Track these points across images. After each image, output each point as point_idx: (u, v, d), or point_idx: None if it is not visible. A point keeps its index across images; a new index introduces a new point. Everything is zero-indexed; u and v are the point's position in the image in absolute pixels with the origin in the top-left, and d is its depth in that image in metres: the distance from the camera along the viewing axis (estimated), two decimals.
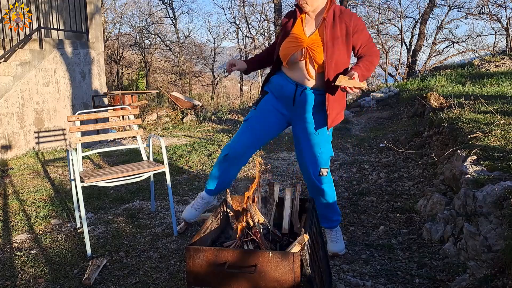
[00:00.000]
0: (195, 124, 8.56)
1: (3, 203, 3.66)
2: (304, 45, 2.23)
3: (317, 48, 2.22)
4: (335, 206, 2.60)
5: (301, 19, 2.32)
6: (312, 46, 2.22)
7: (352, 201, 3.57)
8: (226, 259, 1.52)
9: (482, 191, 2.53)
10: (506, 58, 10.47)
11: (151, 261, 2.55)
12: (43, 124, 5.95)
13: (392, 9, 17.04)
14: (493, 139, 3.37)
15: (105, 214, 3.37)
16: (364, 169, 4.57)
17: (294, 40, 2.27)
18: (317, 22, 2.30)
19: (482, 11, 15.40)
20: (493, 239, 2.24)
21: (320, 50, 2.21)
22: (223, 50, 24.80)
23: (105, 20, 19.27)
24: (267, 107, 2.47)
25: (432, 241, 2.72)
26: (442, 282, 2.25)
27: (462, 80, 8.38)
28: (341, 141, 6.35)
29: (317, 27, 2.27)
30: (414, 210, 3.23)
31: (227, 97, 17.64)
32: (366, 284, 2.25)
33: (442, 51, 17.77)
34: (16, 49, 5.63)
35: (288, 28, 2.33)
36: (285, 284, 1.47)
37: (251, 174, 4.56)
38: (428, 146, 4.57)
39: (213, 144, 6.02)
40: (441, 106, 5.51)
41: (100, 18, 7.70)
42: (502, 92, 5.94)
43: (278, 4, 17.72)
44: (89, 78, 7.01)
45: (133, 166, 2.97)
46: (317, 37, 2.24)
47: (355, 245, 2.74)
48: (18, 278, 2.37)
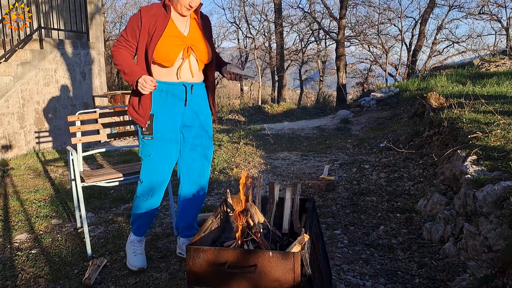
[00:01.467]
0: None
1: (3, 203, 3.66)
2: (187, 44, 2.28)
3: (200, 46, 2.32)
4: None
5: (171, 19, 2.29)
6: (194, 45, 2.31)
7: (352, 201, 3.57)
8: (226, 259, 1.52)
9: (482, 191, 2.53)
10: (506, 58, 10.46)
11: (151, 261, 2.55)
12: (43, 124, 5.95)
13: (392, 9, 17.05)
14: (493, 139, 3.37)
15: (105, 214, 3.37)
16: (364, 169, 4.57)
17: (175, 40, 2.25)
18: (186, 21, 2.34)
19: (482, 11, 15.40)
20: (493, 239, 2.24)
21: (203, 47, 2.34)
22: (223, 50, 24.79)
23: (106, 20, 19.27)
24: (163, 132, 2.32)
25: (432, 241, 2.72)
26: (442, 282, 2.25)
27: (462, 80, 8.38)
28: (341, 141, 6.35)
29: (190, 26, 2.34)
30: (414, 210, 3.23)
31: (227, 97, 17.64)
32: (366, 284, 2.25)
33: (442, 51, 17.78)
34: (17, 49, 5.63)
35: (158, 29, 2.22)
36: (285, 284, 1.47)
37: (251, 174, 4.56)
38: (428, 146, 4.57)
39: (214, 144, 6.01)
40: (441, 106, 5.51)
41: (100, 18, 7.70)
42: (502, 92, 5.94)
43: (278, 4, 17.72)
44: (89, 78, 7.01)
45: (133, 166, 2.97)
46: (196, 35, 2.34)
47: (355, 245, 2.74)
48: (19, 278, 2.37)
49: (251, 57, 20.37)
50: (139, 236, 2.52)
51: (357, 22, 17.68)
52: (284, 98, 17.65)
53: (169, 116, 2.32)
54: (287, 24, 19.41)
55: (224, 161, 5.02)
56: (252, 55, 19.22)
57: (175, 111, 2.33)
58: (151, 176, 2.38)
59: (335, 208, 3.43)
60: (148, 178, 2.38)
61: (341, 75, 14.95)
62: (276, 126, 8.38)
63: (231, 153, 5.48)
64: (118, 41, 2.29)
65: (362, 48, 18.41)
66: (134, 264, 2.44)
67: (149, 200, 2.43)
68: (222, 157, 5.19)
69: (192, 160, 2.46)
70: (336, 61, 15.45)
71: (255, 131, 7.48)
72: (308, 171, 4.65)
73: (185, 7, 2.24)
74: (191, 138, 2.43)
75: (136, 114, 2.31)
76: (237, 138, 6.52)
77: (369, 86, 16.77)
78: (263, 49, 20.21)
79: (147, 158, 2.35)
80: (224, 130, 7.74)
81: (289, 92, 22.67)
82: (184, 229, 2.58)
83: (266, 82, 24.70)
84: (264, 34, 20.97)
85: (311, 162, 5.09)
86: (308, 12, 18.44)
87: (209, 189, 4.01)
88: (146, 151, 2.34)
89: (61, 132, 6.27)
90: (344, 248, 2.69)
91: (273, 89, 20.15)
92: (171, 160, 2.40)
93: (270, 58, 19.81)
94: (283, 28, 18.69)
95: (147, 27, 2.23)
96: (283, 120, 9.89)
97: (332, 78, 22.65)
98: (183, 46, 2.27)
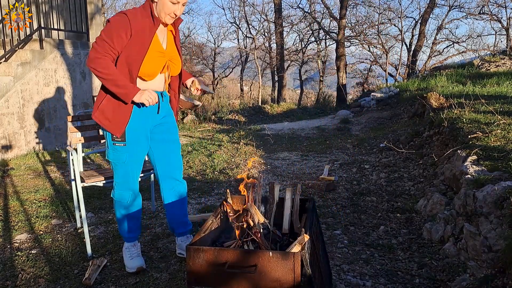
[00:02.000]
0: (195, 124, 8.57)
1: (3, 203, 3.66)
2: (167, 58, 2.28)
3: (175, 61, 2.34)
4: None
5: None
6: (172, 60, 2.31)
7: (352, 201, 3.57)
8: (226, 259, 1.52)
9: (482, 191, 2.53)
10: (506, 58, 10.46)
11: (151, 261, 2.55)
12: (43, 124, 5.95)
13: (392, 9, 17.06)
14: (493, 139, 3.37)
15: (105, 214, 3.37)
16: (364, 169, 4.57)
17: (158, 55, 2.23)
18: (165, 33, 2.29)
19: (482, 11, 15.39)
20: (493, 239, 2.24)
21: (177, 62, 2.35)
22: (223, 50, 24.81)
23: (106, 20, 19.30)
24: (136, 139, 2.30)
25: (432, 241, 2.72)
26: (442, 282, 2.25)
27: (462, 80, 8.38)
28: (341, 141, 6.35)
29: (168, 39, 2.30)
30: (414, 210, 3.23)
31: (227, 97, 17.65)
32: (366, 284, 2.25)
33: (442, 51, 17.78)
34: (17, 49, 5.63)
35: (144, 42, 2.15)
36: (285, 284, 1.47)
37: (251, 174, 4.56)
38: (428, 146, 4.57)
39: (213, 144, 6.01)
40: (441, 106, 5.51)
41: (100, 18, 7.70)
42: (502, 92, 5.94)
43: (278, 4, 17.72)
44: (89, 78, 7.01)
45: None
46: (172, 48, 2.32)
47: (355, 245, 2.74)
48: (19, 278, 2.37)
49: (251, 57, 20.38)
50: (132, 241, 2.51)
51: (357, 22, 17.70)
52: (284, 98, 17.66)
53: (142, 123, 2.31)
54: (287, 24, 19.44)
55: (224, 161, 5.02)
56: (252, 55, 19.23)
57: (148, 118, 2.34)
58: (127, 178, 2.37)
59: (335, 208, 3.43)
60: (124, 180, 2.37)
61: (341, 75, 14.95)
62: (276, 126, 8.38)
63: (231, 153, 5.48)
64: (101, 47, 2.09)
65: (362, 48, 18.43)
66: (132, 266, 2.42)
67: (131, 202, 2.43)
68: (222, 157, 5.19)
69: (169, 156, 2.47)
70: (336, 61, 15.46)
71: (255, 131, 7.48)
72: (308, 171, 4.65)
73: (169, 16, 2.14)
74: (163, 135, 2.44)
75: (108, 122, 2.23)
76: (237, 138, 6.52)
77: (369, 86, 16.79)
78: (263, 49, 20.22)
79: (120, 163, 2.33)
80: (224, 130, 7.74)
81: (289, 92, 22.68)
82: (179, 227, 2.57)
83: (266, 82, 24.71)
84: (264, 34, 20.98)
85: (311, 162, 5.09)
86: (308, 12, 18.45)
87: (209, 189, 4.01)
88: (119, 157, 2.31)
89: (61, 132, 6.27)
90: (344, 248, 2.69)
91: (273, 89, 20.16)
92: (142, 161, 2.42)
93: (270, 58, 19.82)
94: (283, 28, 18.70)
95: (135, 37, 2.11)
96: (283, 120, 9.89)
97: (332, 78, 22.68)
98: (164, 61, 2.26)
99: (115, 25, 2.10)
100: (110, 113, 2.22)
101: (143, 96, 2.14)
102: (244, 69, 22.48)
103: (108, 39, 2.09)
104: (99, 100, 2.26)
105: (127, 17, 2.10)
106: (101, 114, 2.23)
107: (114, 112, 2.22)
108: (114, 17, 2.15)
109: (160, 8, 2.13)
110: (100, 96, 2.26)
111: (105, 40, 2.10)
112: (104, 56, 2.10)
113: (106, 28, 2.12)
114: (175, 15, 2.16)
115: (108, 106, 2.22)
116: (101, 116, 2.24)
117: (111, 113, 2.22)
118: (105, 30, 2.12)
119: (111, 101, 2.21)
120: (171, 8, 2.13)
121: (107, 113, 2.22)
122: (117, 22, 2.10)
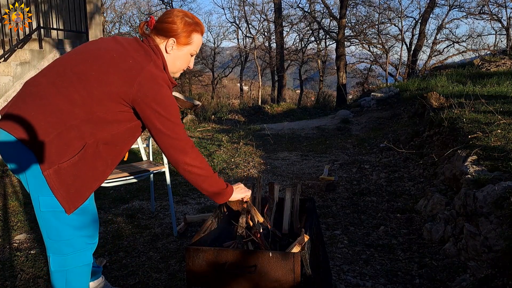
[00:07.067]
0: (195, 124, 8.56)
1: (3, 203, 3.65)
2: None
3: None
4: None
5: None
6: None
7: (352, 201, 3.56)
8: (226, 259, 1.52)
9: (482, 191, 2.53)
10: (507, 58, 10.47)
11: (151, 261, 2.55)
12: None
13: (392, 9, 17.08)
14: (493, 139, 3.36)
15: (104, 214, 3.36)
16: (364, 169, 4.57)
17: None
18: None
19: (482, 11, 15.41)
20: (494, 239, 2.23)
21: None
22: (223, 50, 24.84)
23: (105, 20, 19.25)
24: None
25: (433, 241, 2.71)
26: (442, 282, 2.24)
27: (462, 80, 8.38)
28: (341, 141, 6.35)
29: None
30: (414, 210, 3.23)
31: (227, 97, 17.66)
32: (366, 285, 2.24)
33: (442, 51, 17.81)
34: (16, 49, 5.63)
35: None
36: (285, 284, 1.47)
37: (251, 174, 4.56)
38: (429, 146, 4.56)
39: (213, 144, 6.01)
40: (442, 106, 5.50)
41: (99, 17, 7.69)
42: (503, 92, 5.94)
43: (278, 4, 17.72)
44: None
45: (132, 166, 2.96)
46: None
47: (355, 245, 2.73)
48: (18, 278, 2.36)
49: (251, 57, 20.38)
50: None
51: (357, 22, 17.72)
52: (284, 98, 17.67)
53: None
54: (287, 24, 19.45)
55: (223, 161, 5.01)
56: (251, 54, 19.22)
57: None
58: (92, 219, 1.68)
59: (335, 208, 3.42)
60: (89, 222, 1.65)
61: (341, 75, 14.95)
62: (276, 126, 8.37)
63: (230, 153, 5.48)
64: (185, 134, 1.60)
65: (362, 48, 18.45)
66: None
67: (92, 245, 1.70)
68: (222, 157, 5.18)
69: None
70: (336, 61, 15.46)
71: (255, 131, 7.48)
72: (308, 171, 4.65)
73: (183, 70, 1.71)
74: None
75: (65, 193, 1.49)
76: (237, 138, 6.52)
77: (369, 86, 16.76)
78: (263, 49, 20.23)
79: (85, 215, 1.62)
80: (224, 130, 7.73)
81: (289, 92, 22.68)
82: None
83: (266, 82, 24.73)
84: (264, 34, 21.00)
85: (311, 162, 5.08)
86: (308, 11, 18.46)
87: None
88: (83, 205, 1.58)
89: None
90: (344, 249, 2.69)
91: (273, 89, 20.16)
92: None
93: (270, 58, 19.83)
94: (283, 28, 18.71)
95: None
96: (283, 120, 9.89)
97: (332, 78, 22.70)
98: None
99: (174, 102, 1.57)
100: (70, 179, 1.49)
101: (239, 194, 1.83)
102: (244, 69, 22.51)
103: (180, 122, 1.59)
104: (64, 152, 1.46)
105: (170, 88, 1.60)
106: (57, 176, 1.46)
107: (76, 181, 1.50)
108: (165, 90, 1.55)
109: (177, 63, 1.66)
110: (66, 147, 1.46)
111: (181, 125, 1.60)
112: (194, 147, 1.65)
113: (172, 111, 1.56)
114: (188, 68, 1.75)
115: (72, 170, 1.48)
116: (55, 179, 1.46)
117: (71, 180, 1.49)
118: (172, 113, 1.56)
119: (83, 164, 1.50)
120: (189, 61, 1.70)
121: (66, 178, 1.48)
122: (172, 98, 1.56)
